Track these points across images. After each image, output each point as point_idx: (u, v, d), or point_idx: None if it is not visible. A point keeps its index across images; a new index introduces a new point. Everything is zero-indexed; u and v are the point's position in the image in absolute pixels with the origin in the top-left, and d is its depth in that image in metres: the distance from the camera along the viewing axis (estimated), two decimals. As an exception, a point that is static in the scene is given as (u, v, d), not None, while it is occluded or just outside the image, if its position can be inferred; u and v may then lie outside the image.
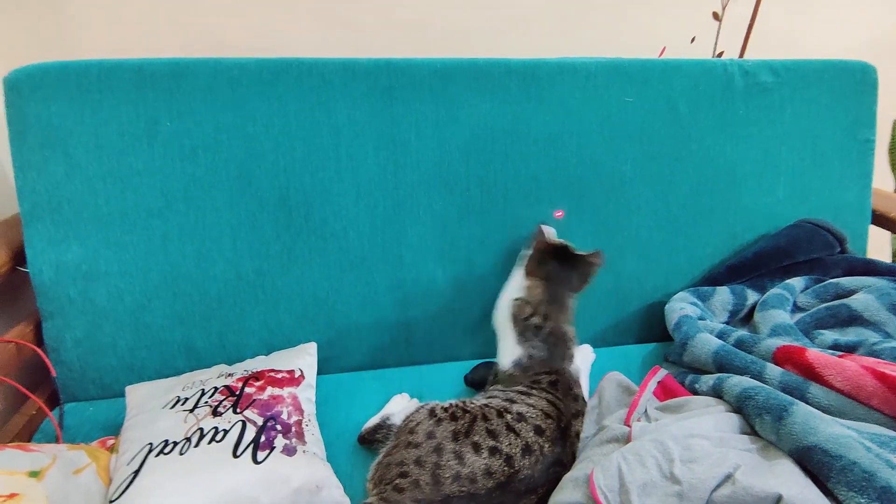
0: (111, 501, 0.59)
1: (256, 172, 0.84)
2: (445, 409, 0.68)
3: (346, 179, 0.87)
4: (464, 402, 0.70)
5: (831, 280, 0.91)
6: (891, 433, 0.52)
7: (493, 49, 1.04)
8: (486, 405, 0.68)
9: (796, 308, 0.90)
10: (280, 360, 0.82)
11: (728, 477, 0.48)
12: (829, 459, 0.47)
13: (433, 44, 1.05)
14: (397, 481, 0.60)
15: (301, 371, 0.80)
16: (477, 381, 0.86)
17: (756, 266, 0.97)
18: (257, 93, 0.83)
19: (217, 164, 0.83)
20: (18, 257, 0.81)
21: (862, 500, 0.43)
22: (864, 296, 0.81)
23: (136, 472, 0.61)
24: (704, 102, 0.98)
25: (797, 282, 0.93)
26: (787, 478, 0.47)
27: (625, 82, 0.95)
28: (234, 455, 0.63)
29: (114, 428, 0.76)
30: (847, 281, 0.89)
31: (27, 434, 0.79)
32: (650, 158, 0.98)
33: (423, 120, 0.89)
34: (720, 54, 1.16)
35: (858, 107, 1.05)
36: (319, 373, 0.84)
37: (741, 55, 1.17)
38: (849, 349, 0.72)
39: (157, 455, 0.63)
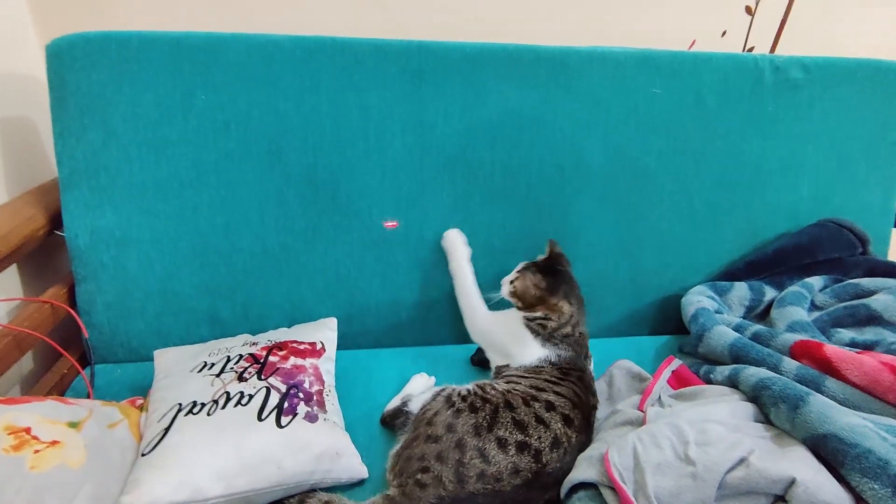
0: (143, 454, 0.61)
1: (286, 149, 0.86)
2: (464, 398, 0.67)
3: (372, 159, 0.89)
4: (482, 389, 0.69)
5: (851, 280, 0.91)
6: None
7: (524, 35, 1.03)
8: (508, 391, 0.68)
9: (814, 307, 0.91)
10: (302, 333, 0.84)
11: (742, 460, 0.49)
12: (843, 447, 0.48)
13: (465, 27, 1.05)
14: (419, 476, 0.59)
15: (322, 344, 0.83)
16: (484, 360, 0.87)
17: (776, 263, 0.97)
18: (290, 70, 0.85)
19: (248, 138, 0.85)
20: (55, 221, 0.84)
21: (875, 486, 0.44)
22: (885, 296, 0.81)
23: (167, 430, 0.64)
24: (733, 97, 0.98)
25: (816, 280, 0.93)
26: (801, 463, 0.48)
27: (654, 73, 0.95)
28: (259, 418, 0.65)
29: (140, 389, 0.79)
30: (867, 282, 0.89)
31: (59, 391, 0.82)
32: (675, 151, 0.98)
33: (450, 103, 0.90)
34: (751, 49, 1.15)
35: (889, 108, 1.04)
36: (339, 348, 0.86)
37: (772, 51, 1.16)
38: (866, 348, 0.72)
39: (186, 414, 0.65)
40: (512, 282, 0.83)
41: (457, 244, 0.91)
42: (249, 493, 0.61)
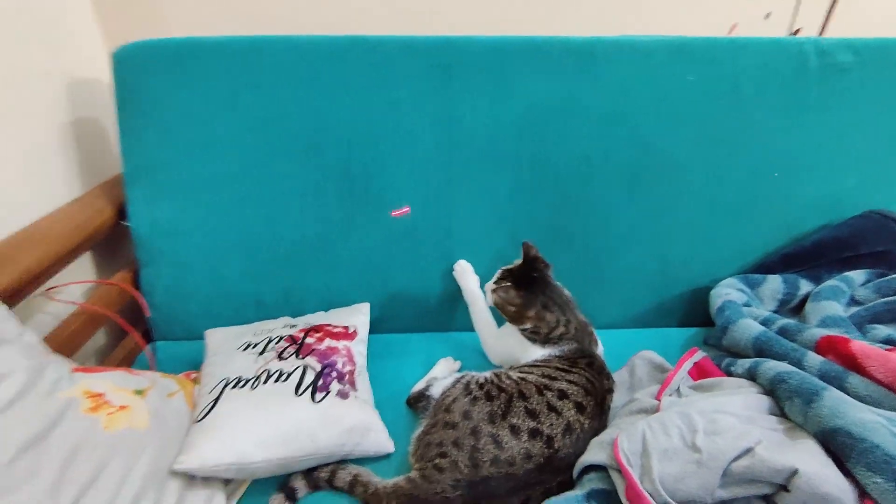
0: (196, 421, 0.69)
1: (322, 144, 0.91)
2: (481, 386, 0.71)
3: (403, 153, 0.93)
4: (498, 378, 0.72)
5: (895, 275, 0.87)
6: None
7: (556, 26, 1.04)
8: (521, 379, 0.71)
9: (854, 302, 0.88)
10: (337, 317, 0.91)
11: (748, 450, 0.50)
12: (852, 441, 0.48)
13: (492, 20, 1.06)
14: (437, 461, 0.64)
15: (355, 328, 0.88)
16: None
17: (814, 256, 0.94)
18: (326, 69, 0.89)
19: (288, 135, 0.91)
20: (121, 212, 0.93)
21: (879, 480, 0.44)
22: (930, 293, 0.78)
23: (216, 400, 0.71)
24: (773, 84, 0.95)
25: (857, 274, 0.90)
26: (807, 455, 0.49)
27: (686, 62, 0.93)
28: (296, 394, 0.72)
29: (194, 364, 0.87)
30: (912, 277, 0.85)
31: (126, 364, 0.92)
32: (707, 141, 0.96)
33: (478, 97, 0.92)
34: (797, 31, 1.10)
35: (949, 92, 0.97)
36: (371, 331, 0.92)
37: (821, 33, 1.10)
38: (901, 345, 0.70)
39: (233, 388, 0.73)
40: (493, 291, 0.83)
41: (466, 274, 0.95)
42: (286, 460, 0.67)
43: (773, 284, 0.92)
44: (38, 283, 0.78)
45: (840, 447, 0.49)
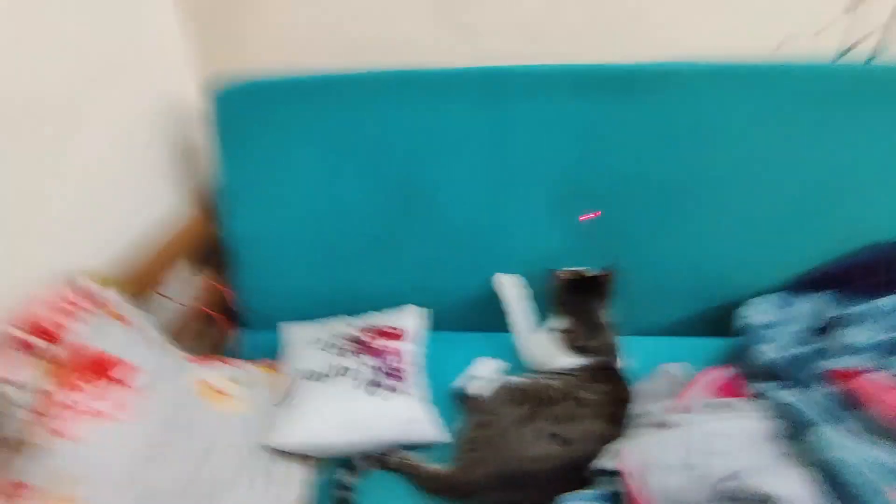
0: (275, 406, 0.85)
1: (385, 165, 1.03)
2: (511, 392, 0.82)
3: (456, 174, 1.02)
4: (528, 384, 0.83)
5: (934, 305, 0.88)
6: None
7: (601, 48, 1.07)
8: (549, 386, 0.82)
9: (884, 329, 0.90)
10: (391, 318, 1.04)
11: (735, 473, 0.59)
12: (830, 475, 0.55)
13: (546, 45, 1.11)
14: (471, 455, 0.76)
15: (408, 329, 1.02)
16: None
17: (850, 278, 0.96)
18: (390, 98, 0.99)
19: (355, 157, 1.03)
20: (214, 222, 1.10)
21: None
22: (960, 327, 0.79)
23: (292, 390, 0.87)
24: (818, 107, 0.94)
25: (889, 301, 0.91)
26: (788, 483, 0.56)
27: (727, 86, 0.95)
28: (355, 388, 0.86)
29: (273, 353, 1.03)
30: (949, 307, 0.86)
31: (218, 349, 1.11)
32: (749, 163, 0.98)
33: (524, 122, 0.99)
34: (848, 50, 1.06)
35: None
36: (431, 330, 1.06)
37: (872, 54, 1.06)
38: (918, 380, 0.74)
39: (306, 380, 0.88)
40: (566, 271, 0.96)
41: (505, 286, 1.05)
42: (349, 444, 0.82)
43: (804, 306, 0.95)
44: (153, 286, 0.96)
45: (821, 478, 0.56)
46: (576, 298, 0.91)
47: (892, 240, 0.97)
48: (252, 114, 1.01)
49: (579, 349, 0.87)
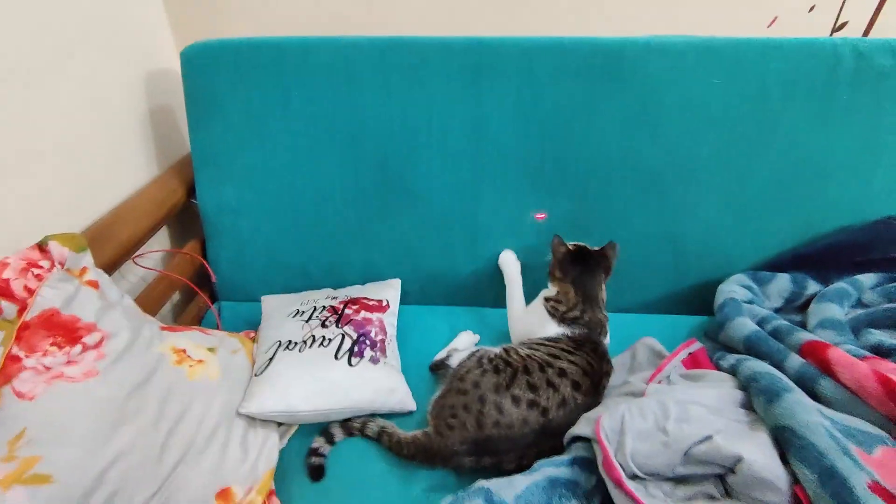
0: (256, 375, 0.85)
1: (362, 139, 1.01)
2: (491, 361, 0.82)
3: (434, 149, 1.01)
4: (507, 353, 0.83)
5: (906, 281, 0.90)
6: (864, 428, 0.59)
7: (589, 21, 1.06)
8: (528, 356, 0.82)
9: (859, 304, 0.91)
10: (372, 291, 1.03)
11: (708, 437, 0.59)
12: (794, 439, 0.55)
13: (525, 18, 1.09)
14: (449, 420, 0.76)
15: (387, 301, 1.01)
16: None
17: (826, 257, 0.97)
18: (367, 68, 0.98)
19: (332, 129, 1.01)
20: (191, 192, 1.08)
21: (807, 472, 0.52)
22: (930, 303, 0.81)
23: (271, 359, 0.86)
24: (802, 86, 0.95)
25: (867, 278, 0.93)
26: (756, 446, 0.57)
27: (714, 63, 0.95)
28: (335, 357, 0.86)
29: (253, 324, 1.03)
30: (922, 285, 0.87)
31: (197, 321, 1.09)
32: (730, 143, 0.99)
33: (506, 97, 0.98)
34: (842, 26, 1.07)
35: None
36: (401, 304, 1.05)
37: (867, 31, 1.06)
38: (888, 352, 0.75)
39: (284, 349, 0.87)
40: (555, 239, 0.95)
41: (509, 262, 1.06)
42: (326, 411, 0.82)
43: (782, 283, 0.97)
44: (129, 254, 0.94)
45: (785, 442, 0.57)
46: (578, 269, 0.91)
47: (864, 223, 0.99)
48: (221, 74, 0.98)
49: (570, 320, 0.87)
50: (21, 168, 0.79)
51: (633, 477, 0.62)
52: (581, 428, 0.70)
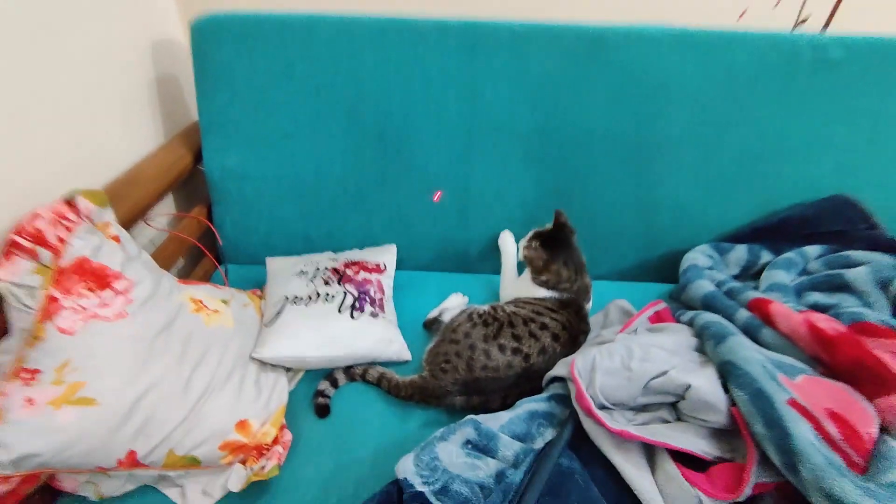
0: (266, 326, 0.93)
1: (362, 110, 1.08)
2: (480, 315, 0.92)
3: (430, 121, 1.08)
4: (495, 310, 0.93)
5: (845, 252, 1.01)
6: (791, 362, 0.70)
7: (573, 7, 1.14)
8: (514, 313, 0.92)
9: (804, 272, 1.03)
10: (370, 255, 1.11)
11: (664, 372, 0.70)
12: (734, 369, 0.66)
13: (516, 5, 1.16)
14: (442, 365, 0.86)
15: (384, 264, 1.09)
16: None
17: (779, 230, 1.09)
18: (368, 44, 1.04)
19: (334, 101, 1.07)
20: (198, 158, 1.14)
21: (741, 393, 0.63)
22: (863, 269, 0.92)
23: (279, 312, 0.94)
24: (764, 74, 1.04)
25: (814, 249, 1.04)
26: (704, 377, 0.68)
27: (687, 51, 1.04)
28: (339, 311, 0.94)
29: (256, 283, 1.10)
30: (859, 254, 0.99)
31: (205, 281, 1.16)
32: (700, 123, 1.08)
33: (498, 75, 1.06)
34: (804, 20, 1.17)
35: (933, 89, 1.05)
36: (397, 268, 1.13)
37: (826, 24, 1.16)
38: (823, 309, 0.87)
39: (291, 304, 0.95)
40: (525, 248, 1.02)
41: (507, 240, 1.14)
42: (330, 358, 0.91)
43: (739, 253, 1.08)
44: (140, 216, 1.00)
45: (726, 374, 0.68)
46: (561, 253, 0.99)
47: (813, 200, 1.10)
48: (228, 46, 1.04)
49: (562, 289, 0.97)
50: (38, 127, 0.84)
51: (602, 407, 0.73)
52: (558, 369, 0.81)
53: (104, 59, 0.97)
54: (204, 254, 1.13)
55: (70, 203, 0.78)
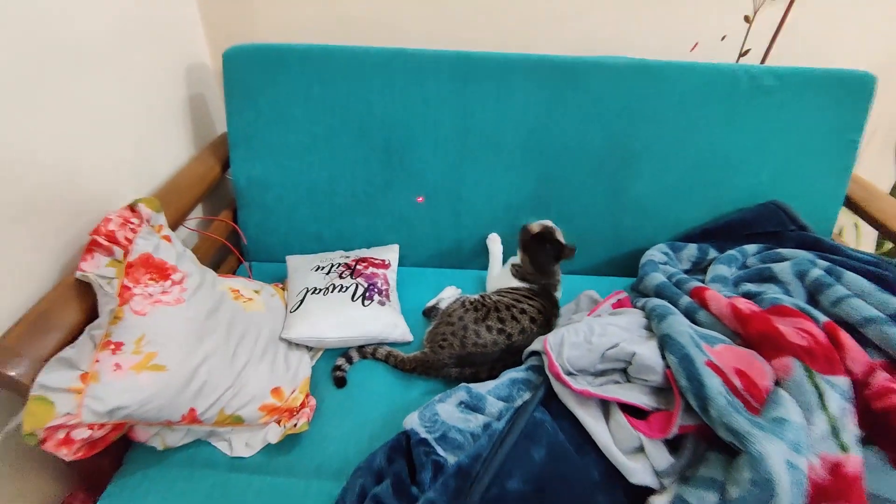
0: (290, 312, 1.10)
1: (370, 127, 1.25)
2: (471, 303, 1.10)
3: (429, 136, 1.26)
4: (483, 298, 1.11)
5: (777, 249, 1.21)
6: (715, 335, 0.89)
7: (550, 42, 1.32)
8: (499, 301, 1.10)
9: (743, 266, 1.22)
10: (376, 252, 1.29)
11: (616, 344, 0.89)
12: (669, 340, 0.85)
13: (504, 34, 1.34)
14: (440, 342, 1.04)
15: (389, 261, 1.27)
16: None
17: (724, 231, 1.28)
18: (375, 71, 1.22)
19: (346, 119, 1.25)
20: (225, 167, 1.30)
21: (672, 357, 0.81)
22: (786, 263, 1.12)
23: (301, 301, 1.11)
24: (712, 98, 1.24)
25: (752, 247, 1.24)
26: (646, 347, 0.87)
27: (646, 79, 1.23)
28: (352, 300, 1.12)
29: (278, 278, 1.27)
30: (787, 251, 1.18)
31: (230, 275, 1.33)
32: (658, 139, 1.27)
33: (486, 98, 1.24)
34: (746, 52, 1.36)
35: (851, 111, 1.25)
36: (399, 265, 1.31)
37: (765, 56, 1.36)
38: (751, 296, 1.06)
39: (311, 294, 1.13)
40: (514, 265, 1.22)
41: (494, 241, 1.33)
42: (346, 339, 1.08)
43: (690, 250, 1.27)
44: (182, 219, 1.17)
45: (664, 345, 0.86)
46: (539, 248, 1.18)
47: (753, 205, 1.29)
48: (255, 72, 1.21)
49: (530, 280, 1.16)
50: (94, 142, 0.98)
51: (568, 373, 0.91)
52: (535, 345, 0.99)
53: (149, 82, 1.14)
54: (231, 252, 1.30)
55: (133, 208, 0.95)
